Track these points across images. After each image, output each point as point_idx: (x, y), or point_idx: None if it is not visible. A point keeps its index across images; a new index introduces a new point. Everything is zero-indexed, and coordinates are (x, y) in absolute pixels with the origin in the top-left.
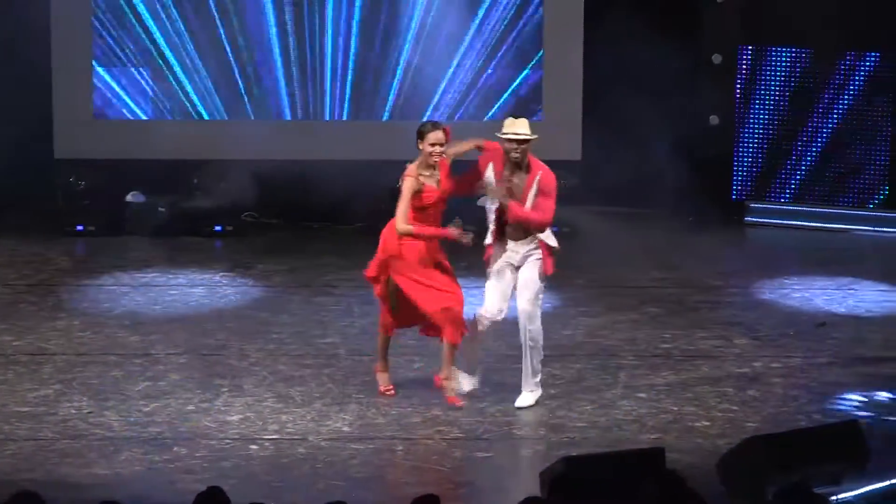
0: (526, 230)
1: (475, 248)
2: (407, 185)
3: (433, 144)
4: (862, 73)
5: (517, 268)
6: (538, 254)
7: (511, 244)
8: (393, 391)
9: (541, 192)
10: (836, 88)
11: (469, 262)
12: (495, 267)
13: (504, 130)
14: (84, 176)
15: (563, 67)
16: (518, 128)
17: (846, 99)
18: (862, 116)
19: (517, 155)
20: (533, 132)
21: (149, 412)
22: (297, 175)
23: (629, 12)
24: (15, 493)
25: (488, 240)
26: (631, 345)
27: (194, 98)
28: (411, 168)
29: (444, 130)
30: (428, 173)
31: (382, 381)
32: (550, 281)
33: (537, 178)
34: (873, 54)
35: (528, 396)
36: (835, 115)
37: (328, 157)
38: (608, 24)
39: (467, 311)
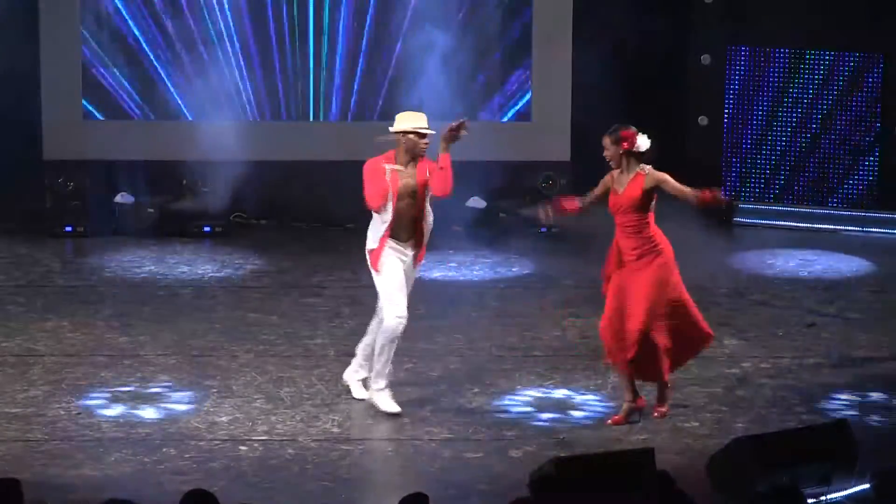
0: (420, 232)
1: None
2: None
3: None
4: (851, 74)
5: (405, 271)
6: (417, 259)
7: (399, 246)
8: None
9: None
10: (824, 89)
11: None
12: (393, 267)
13: (413, 125)
14: (73, 177)
15: (552, 68)
16: (424, 122)
17: (835, 99)
18: (852, 117)
19: (426, 150)
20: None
21: (138, 413)
22: (286, 176)
23: (618, 13)
24: None
25: (375, 245)
26: None
27: (183, 99)
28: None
29: (621, 135)
30: (619, 179)
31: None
32: (541, 282)
33: (427, 169)
34: (863, 55)
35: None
36: (823, 116)
37: (318, 158)
38: (597, 25)
39: None
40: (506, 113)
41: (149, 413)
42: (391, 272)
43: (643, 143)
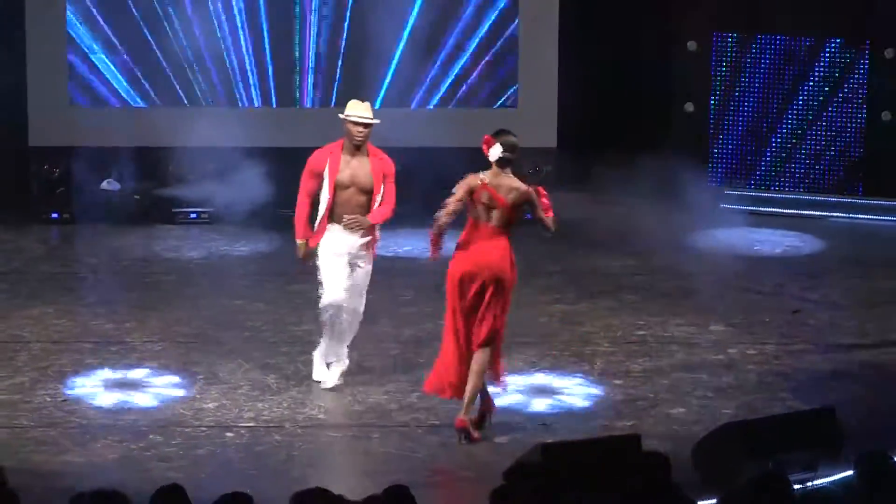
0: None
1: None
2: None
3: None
4: (837, 60)
5: (348, 257)
6: (367, 248)
7: (343, 233)
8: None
9: (387, 179)
10: (810, 75)
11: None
12: (330, 252)
13: (349, 112)
14: (59, 163)
15: (538, 54)
16: (363, 111)
17: (821, 85)
18: (838, 104)
19: (361, 138)
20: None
21: (124, 400)
22: (272, 162)
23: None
24: None
25: (316, 227)
26: (606, 332)
27: (170, 85)
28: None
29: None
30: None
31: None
32: (526, 268)
33: (383, 163)
34: (850, 40)
35: (337, 371)
36: (811, 102)
37: (305, 145)
38: (583, 10)
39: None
40: (492, 100)
41: (135, 400)
42: (327, 258)
43: (493, 153)
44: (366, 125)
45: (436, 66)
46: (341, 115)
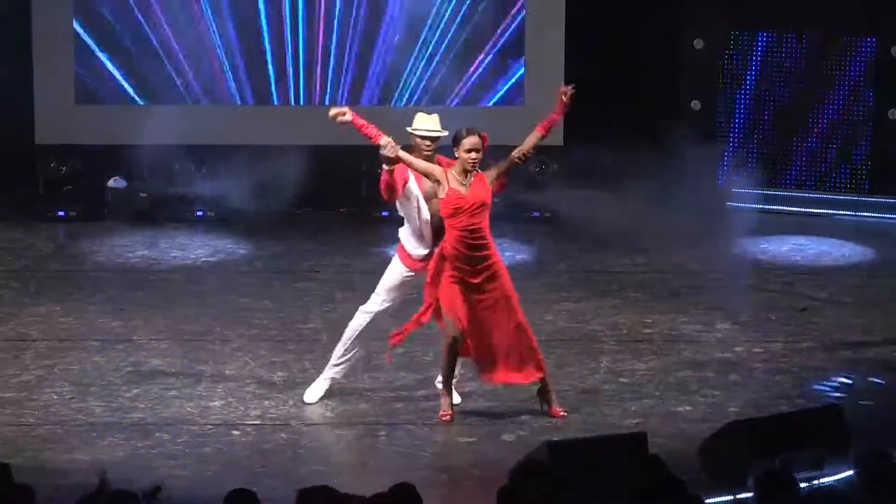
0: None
1: None
2: (422, 162)
3: (469, 150)
4: (843, 57)
5: (414, 280)
6: None
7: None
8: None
9: None
10: (817, 73)
11: None
12: (403, 270)
13: (416, 126)
14: (65, 161)
15: (545, 52)
16: (431, 124)
17: (828, 83)
18: (845, 102)
19: (430, 152)
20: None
21: (131, 398)
22: (280, 160)
23: None
24: None
25: (426, 250)
26: (613, 330)
27: (176, 83)
28: (448, 164)
29: (482, 136)
30: (460, 178)
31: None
32: (533, 266)
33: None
34: (855, 38)
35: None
36: (818, 101)
37: (311, 143)
38: (589, 8)
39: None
40: (498, 98)
41: (142, 398)
42: (396, 274)
43: None
44: (433, 139)
45: (446, 67)
46: (408, 129)
